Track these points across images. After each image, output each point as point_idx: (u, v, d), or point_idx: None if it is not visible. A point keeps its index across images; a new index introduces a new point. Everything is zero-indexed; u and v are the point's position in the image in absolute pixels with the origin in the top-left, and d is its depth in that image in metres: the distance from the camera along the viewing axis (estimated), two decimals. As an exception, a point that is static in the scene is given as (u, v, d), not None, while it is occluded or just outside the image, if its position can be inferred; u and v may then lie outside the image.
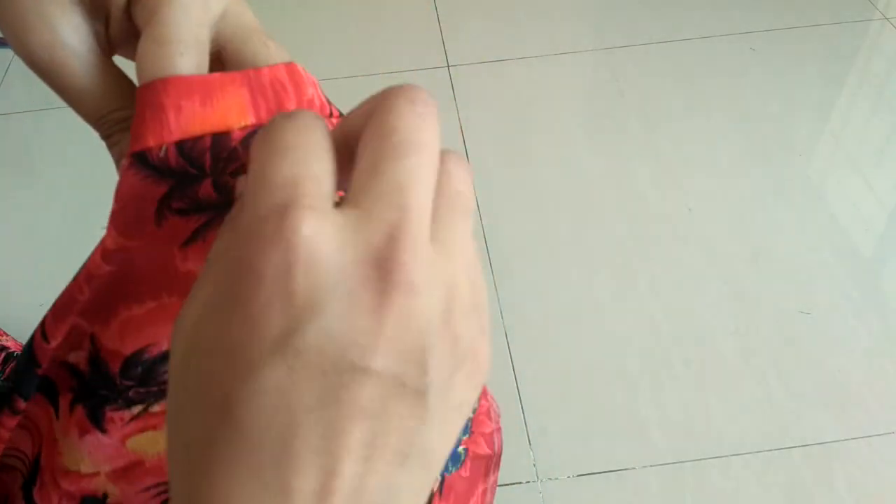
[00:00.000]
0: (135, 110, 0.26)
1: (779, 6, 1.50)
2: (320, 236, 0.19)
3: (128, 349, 0.30)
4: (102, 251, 0.28)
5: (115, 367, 0.31)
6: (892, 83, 1.34)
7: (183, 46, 0.26)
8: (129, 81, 0.28)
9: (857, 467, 0.84)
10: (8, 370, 0.81)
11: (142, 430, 0.33)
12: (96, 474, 0.33)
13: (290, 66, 0.28)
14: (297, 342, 0.18)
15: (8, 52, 1.45)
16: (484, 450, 0.46)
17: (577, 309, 1.00)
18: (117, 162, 0.29)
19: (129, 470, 0.33)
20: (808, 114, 1.29)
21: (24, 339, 0.95)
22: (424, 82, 1.36)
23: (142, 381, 0.31)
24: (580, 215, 1.13)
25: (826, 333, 0.97)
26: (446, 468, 0.44)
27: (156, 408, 0.33)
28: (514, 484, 0.83)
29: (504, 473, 0.83)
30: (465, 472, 0.45)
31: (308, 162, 0.20)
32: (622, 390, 0.92)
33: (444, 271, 0.20)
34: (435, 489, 0.43)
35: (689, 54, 1.40)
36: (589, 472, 0.84)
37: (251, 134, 0.27)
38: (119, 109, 0.29)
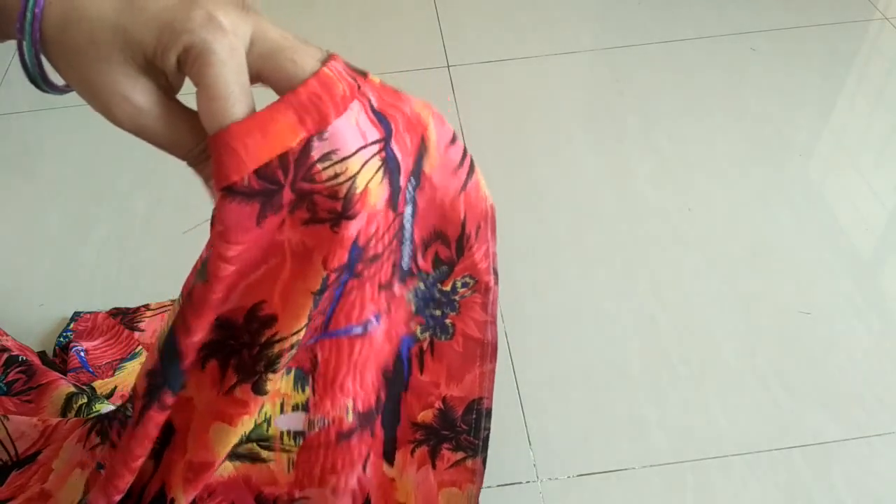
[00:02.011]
0: (213, 166, 0.33)
1: (779, 6, 1.50)
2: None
3: (248, 303, 0.39)
4: (222, 258, 0.35)
5: (240, 319, 0.40)
6: (892, 83, 1.34)
7: (233, 98, 0.32)
8: (197, 116, 0.34)
9: (857, 467, 0.84)
10: (13, 375, 0.80)
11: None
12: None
13: (319, 76, 0.35)
14: None
15: (8, 52, 1.45)
16: (476, 333, 0.52)
17: (577, 309, 1.00)
18: (206, 181, 0.36)
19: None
20: (808, 114, 1.29)
21: (23, 339, 0.95)
22: (424, 82, 1.36)
23: (261, 330, 0.41)
24: (580, 215, 1.13)
25: (826, 333, 0.97)
26: (436, 333, 0.52)
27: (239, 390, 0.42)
28: (514, 484, 0.83)
29: (504, 473, 0.83)
30: (457, 346, 0.52)
31: None
32: (622, 390, 0.92)
33: None
34: (426, 348, 0.52)
35: (689, 54, 1.40)
36: (589, 472, 0.84)
37: (308, 142, 0.35)
38: (200, 142, 0.35)
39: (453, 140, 0.46)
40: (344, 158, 0.36)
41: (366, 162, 0.37)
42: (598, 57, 1.41)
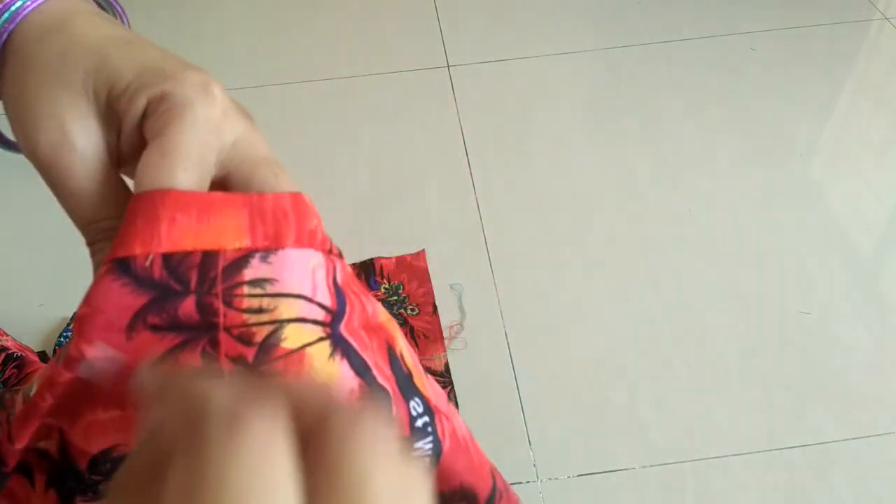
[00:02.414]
0: (120, 229, 0.26)
1: (779, 6, 1.50)
2: None
3: (94, 449, 0.29)
4: (67, 359, 0.26)
5: (83, 465, 0.30)
6: (892, 83, 1.34)
7: (188, 162, 0.26)
8: (130, 193, 0.28)
9: (857, 467, 0.84)
10: (8, 371, 0.81)
11: None
12: None
13: (295, 196, 0.28)
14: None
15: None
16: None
17: (577, 309, 1.00)
18: (96, 269, 0.28)
19: None
20: (808, 114, 1.29)
21: (24, 339, 0.95)
22: (424, 82, 1.36)
23: (110, 475, 0.30)
24: (580, 215, 1.13)
25: (826, 333, 0.97)
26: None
27: None
28: (514, 484, 0.83)
29: (504, 473, 0.83)
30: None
31: None
32: (622, 390, 0.92)
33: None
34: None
35: (689, 54, 1.40)
36: (589, 472, 0.84)
37: (247, 255, 0.27)
38: (111, 218, 0.28)
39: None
40: (278, 295, 0.27)
41: (302, 321, 0.28)
42: (598, 57, 1.41)
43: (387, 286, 1.03)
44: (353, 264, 1.06)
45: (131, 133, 0.28)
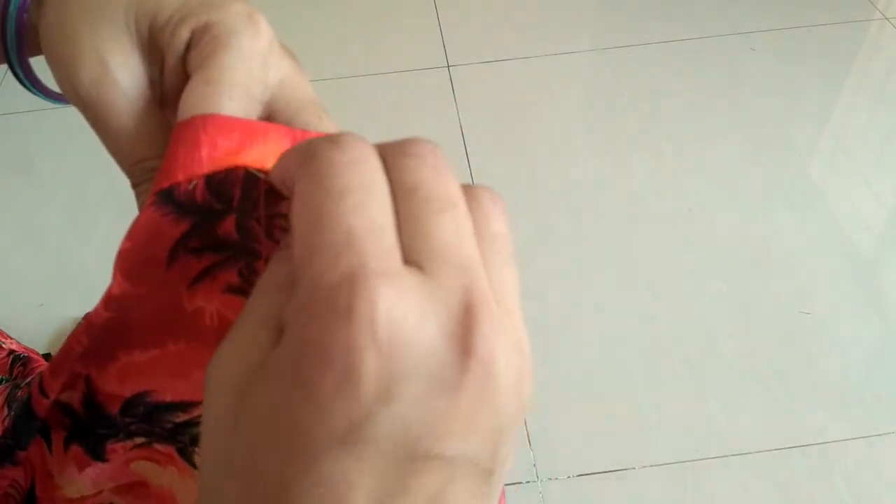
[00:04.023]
0: (163, 158, 0.25)
1: (779, 6, 1.50)
2: (397, 310, 0.16)
3: (127, 392, 0.29)
4: (106, 298, 0.26)
5: (114, 409, 0.29)
6: (892, 83, 1.34)
7: (234, 91, 0.25)
8: (167, 130, 0.27)
9: (857, 467, 0.84)
10: (15, 370, 0.81)
11: (146, 458, 0.32)
12: (99, 493, 0.33)
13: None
14: (368, 433, 0.16)
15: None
16: None
17: (577, 309, 1.00)
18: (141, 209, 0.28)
19: (134, 487, 0.33)
20: (808, 114, 1.29)
21: (24, 339, 0.95)
22: (424, 82, 1.36)
23: (143, 419, 0.30)
24: (580, 215, 1.13)
25: (826, 333, 0.97)
26: None
27: (159, 447, 0.32)
28: (514, 484, 0.83)
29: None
30: None
31: (370, 209, 0.17)
32: (622, 390, 0.92)
33: (513, 334, 0.19)
34: None
35: (689, 54, 1.40)
36: (589, 472, 0.84)
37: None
38: (156, 158, 0.27)
39: None
40: None
41: None
42: (598, 57, 1.41)
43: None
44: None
45: (175, 67, 0.27)
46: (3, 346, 0.88)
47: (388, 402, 0.16)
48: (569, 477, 0.84)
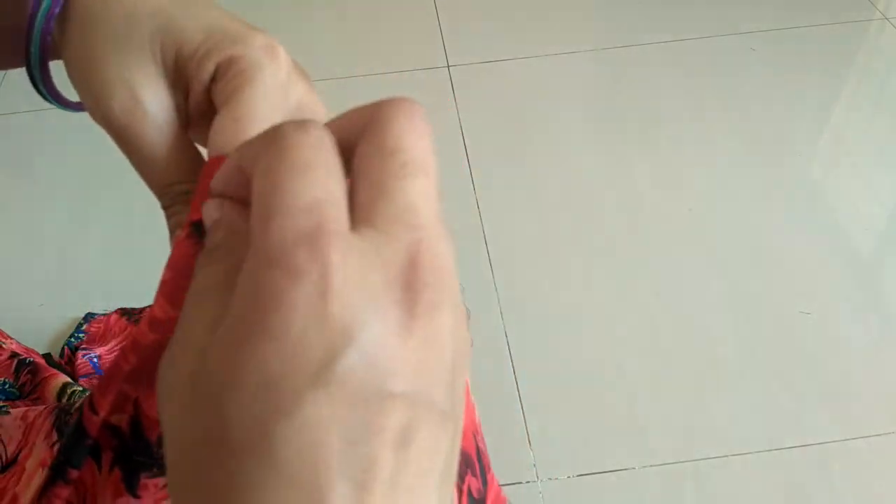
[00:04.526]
0: (195, 192, 0.26)
1: (779, 6, 1.50)
2: (349, 261, 0.18)
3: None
4: (150, 320, 0.27)
5: (153, 436, 0.31)
6: (892, 83, 1.34)
7: (260, 126, 0.26)
8: (200, 157, 0.29)
9: (857, 467, 0.84)
10: (23, 377, 0.81)
11: None
12: None
13: None
14: (337, 370, 0.17)
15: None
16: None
17: (577, 309, 1.00)
18: (172, 232, 0.29)
19: None
20: (808, 114, 1.29)
21: (23, 339, 0.95)
22: (424, 82, 1.36)
23: None
24: (580, 215, 1.13)
25: (826, 333, 0.97)
26: None
27: None
28: (514, 484, 0.83)
29: (504, 473, 0.83)
30: None
31: (328, 182, 0.19)
32: (622, 390, 0.92)
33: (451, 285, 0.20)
34: None
35: (689, 54, 1.40)
36: (589, 472, 0.84)
37: None
38: (186, 182, 0.29)
39: None
40: None
41: None
42: (598, 57, 1.41)
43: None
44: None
45: (199, 96, 0.28)
46: (4, 346, 0.87)
47: (351, 341, 0.18)
48: (569, 477, 0.84)
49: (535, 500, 0.82)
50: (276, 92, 0.28)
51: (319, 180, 0.19)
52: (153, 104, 0.28)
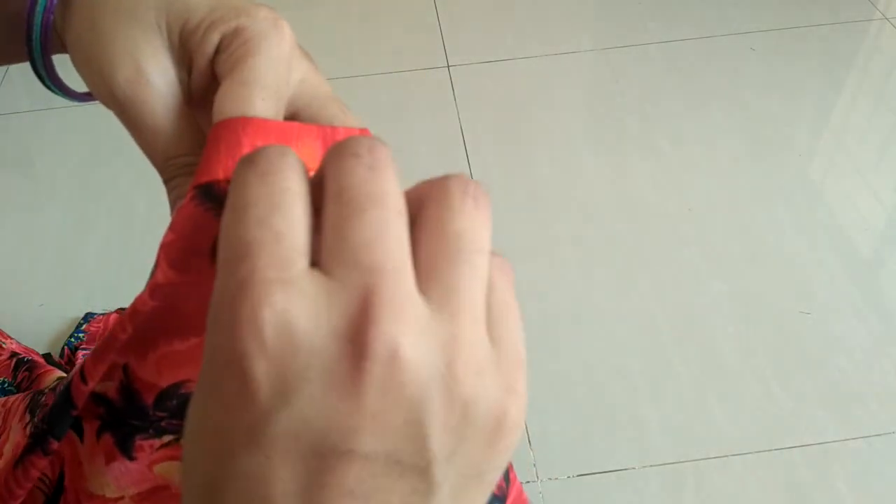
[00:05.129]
0: (202, 156, 0.26)
1: (779, 6, 1.50)
2: (288, 313, 0.17)
3: (164, 382, 0.30)
4: (151, 286, 0.27)
5: (149, 399, 0.31)
6: (892, 83, 1.34)
7: (266, 92, 0.26)
8: (202, 131, 0.29)
9: (857, 467, 0.84)
10: (20, 375, 0.81)
11: (171, 458, 0.33)
12: (121, 498, 0.33)
13: (363, 132, 0.29)
14: (269, 431, 0.17)
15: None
16: None
17: (577, 309, 1.00)
18: (173, 205, 0.29)
19: (156, 493, 0.34)
20: (808, 114, 1.29)
21: (23, 339, 0.95)
22: (424, 82, 1.36)
23: (175, 413, 0.31)
24: (580, 215, 1.13)
25: (826, 333, 0.97)
26: None
27: None
28: (514, 484, 0.83)
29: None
30: None
31: (270, 218, 0.18)
32: (622, 390, 0.92)
33: (441, 330, 0.18)
34: None
35: (689, 54, 1.40)
36: (589, 472, 0.84)
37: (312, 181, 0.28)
38: (187, 155, 0.29)
39: None
40: None
41: None
42: (598, 57, 1.41)
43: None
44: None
45: (203, 69, 0.28)
46: (4, 346, 0.87)
47: (287, 403, 0.17)
48: (569, 477, 0.84)
49: (536, 499, 0.82)
50: (281, 62, 0.28)
51: (260, 217, 0.18)
52: (158, 77, 0.28)
